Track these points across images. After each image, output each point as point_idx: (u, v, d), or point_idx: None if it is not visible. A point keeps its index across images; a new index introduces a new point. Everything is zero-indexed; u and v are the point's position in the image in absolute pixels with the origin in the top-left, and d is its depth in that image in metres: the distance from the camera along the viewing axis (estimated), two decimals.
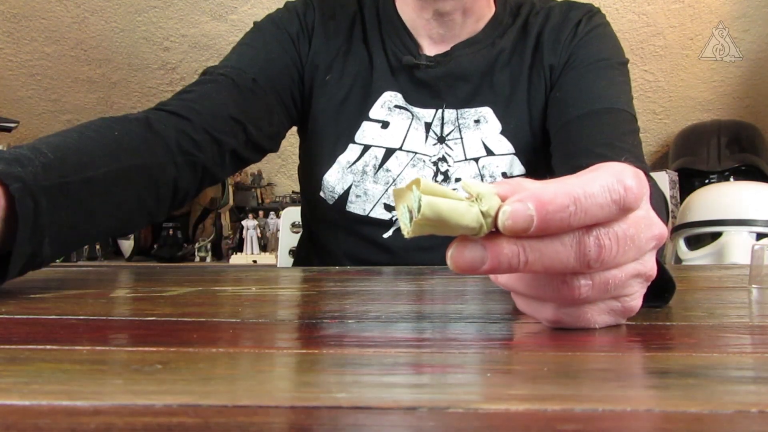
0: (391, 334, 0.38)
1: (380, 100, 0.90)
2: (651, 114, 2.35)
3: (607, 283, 0.34)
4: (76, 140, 0.65)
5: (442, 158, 0.89)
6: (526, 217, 0.30)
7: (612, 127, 0.82)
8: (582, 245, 0.32)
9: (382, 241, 0.88)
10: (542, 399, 0.24)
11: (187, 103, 0.81)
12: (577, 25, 0.90)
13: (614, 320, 0.38)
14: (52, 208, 0.57)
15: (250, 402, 0.23)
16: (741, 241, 1.66)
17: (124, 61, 2.29)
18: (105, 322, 0.43)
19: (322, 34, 0.92)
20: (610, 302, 0.37)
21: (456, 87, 0.90)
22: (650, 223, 0.35)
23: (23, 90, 2.32)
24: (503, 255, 0.31)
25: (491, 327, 0.39)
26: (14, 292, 0.56)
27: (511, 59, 0.91)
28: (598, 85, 0.86)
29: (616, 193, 0.32)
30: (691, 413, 0.22)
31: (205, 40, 2.26)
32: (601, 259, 0.32)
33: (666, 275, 0.45)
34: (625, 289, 0.36)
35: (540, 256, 0.31)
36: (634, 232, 0.34)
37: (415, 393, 0.25)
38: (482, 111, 0.90)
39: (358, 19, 0.94)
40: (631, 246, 0.34)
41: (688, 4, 2.17)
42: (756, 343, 0.35)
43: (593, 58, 0.88)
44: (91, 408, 0.23)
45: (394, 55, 0.91)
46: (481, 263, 0.31)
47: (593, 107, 0.84)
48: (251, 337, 0.37)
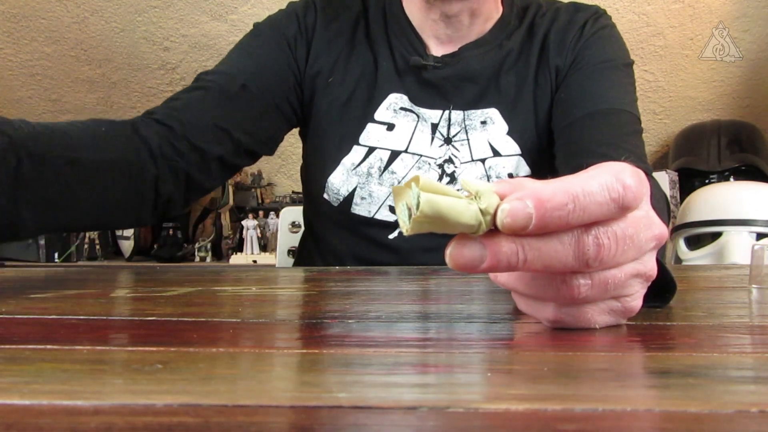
0: (392, 333, 0.38)
1: (386, 102, 0.90)
2: (651, 114, 2.35)
3: (606, 282, 0.34)
4: (65, 126, 0.68)
5: (449, 159, 0.89)
6: (525, 215, 0.30)
7: (615, 128, 0.82)
8: (581, 244, 0.32)
9: (388, 242, 0.88)
10: (542, 399, 0.24)
11: (171, 111, 0.82)
12: (583, 27, 0.90)
13: (615, 320, 0.38)
14: (35, 174, 0.58)
15: (251, 401, 0.23)
16: (741, 241, 1.66)
17: (124, 61, 2.29)
18: (105, 321, 0.43)
19: (324, 36, 0.91)
20: (610, 302, 0.37)
21: (463, 88, 0.90)
22: (650, 223, 0.35)
23: (23, 90, 2.32)
24: (502, 253, 0.31)
25: (492, 327, 0.39)
26: (15, 292, 0.56)
27: (517, 61, 0.91)
28: (602, 86, 0.86)
29: (615, 191, 0.32)
30: (690, 413, 0.22)
31: (205, 40, 2.26)
32: (600, 258, 0.32)
33: (667, 275, 0.45)
34: (625, 289, 0.36)
35: (539, 255, 0.31)
36: (633, 232, 0.34)
37: (416, 393, 0.25)
38: (489, 112, 0.90)
39: (362, 18, 0.93)
40: (630, 246, 0.34)
41: (688, 4, 2.17)
42: (756, 343, 0.35)
43: (598, 59, 0.88)
44: (92, 407, 0.23)
45: (401, 56, 0.91)
46: (480, 261, 0.31)
47: (597, 108, 0.84)
48: (251, 337, 0.37)
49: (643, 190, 0.33)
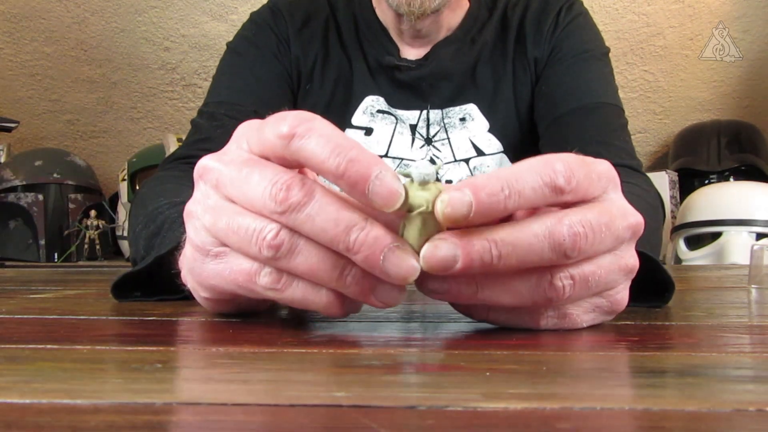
0: (390, 333, 0.38)
1: (362, 106, 0.90)
2: (651, 114, 2.35)
3: (587, 278, 0.34)
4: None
5: (431, 161, 0.88)
6: (465, 203, 0.30)
7: (603, 125, 0.82)
8: (555, 235, 0.32)
9: None
10: (541, 398, 0.24)
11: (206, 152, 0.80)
12: (558, 15, 0.89)
13: (602, 317, 0.38)
14: None
15: (250, 400, 0.23)
16: (741, 241, 1.66)
17: (125, 61, 2.29)
18: (105, 321, 0.43)
19: (298, 44, 0.91)
20: (594, 299, 0.36)
21: (439, 86, 0.89)
22: (624, 212, 0.35)
23: (23, 90, 2.32)
24: (475, 251, 0.31)
25: (491, 326, 0.39)
26: (15, 292, 0.56)
27: (493, 53, 0.90)
28: (584, 78, 0.86)
29: (547, 176, 0.32)
30: (688, 412, 0.22)
31: (205, 40, 2.26)
32: (577, 248, 0.32)
33: (664, 274, 0.45)
34: (608, 284, 0.36)
35: (513, 250, 0.31)
36: (608, 220, 0.34)
37: (415, 391, 0.25)
38: (467, 108, 0.89)
39: (332, 23, 0.92)
40: (607, 234, 0.34)
41: (688, 4, 2.17)
42: (755, 343, 0.35)
43: (577, 50, 0.88)
44: (92, 406, 0.23)
45: (374, 58, 0.90)
46: (454, 261, 0.31)
47: (582, 103, 0.84)
48: (251, 337, 0.37)
49: (576, 173, 0.33)
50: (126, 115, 2.36)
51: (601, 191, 0.35)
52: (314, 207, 0.32)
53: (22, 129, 2.19)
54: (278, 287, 0.35)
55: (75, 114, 2.38)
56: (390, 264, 0.31)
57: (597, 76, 0.87)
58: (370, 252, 0.31)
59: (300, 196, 0.32)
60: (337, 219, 0.32)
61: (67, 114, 2.38)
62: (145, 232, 0.55)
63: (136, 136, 2.39)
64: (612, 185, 0.36)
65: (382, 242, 0.31)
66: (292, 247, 0.33)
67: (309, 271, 0.33)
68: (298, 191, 0.32)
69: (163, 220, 0.53)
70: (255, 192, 0.33)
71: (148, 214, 0.57)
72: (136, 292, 0.51)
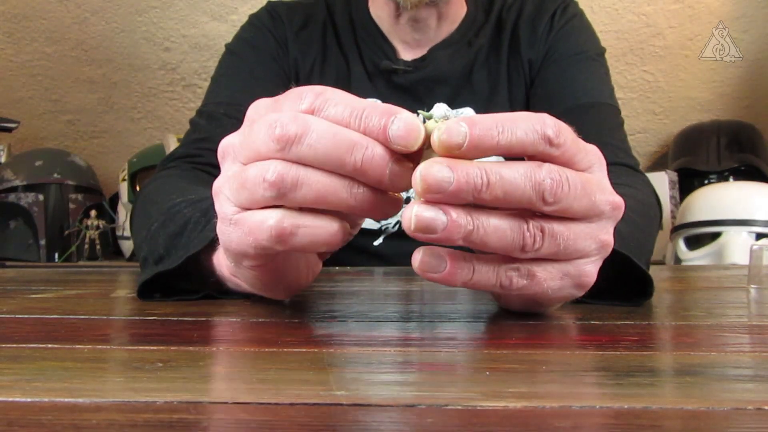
0: (390, 333, 0.38)
1: None
2: (651, 114, 2.35)
3: (556, 236, 0.35)
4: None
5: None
6: (460, 132, 0.33)
7: (599, 124, 0.82)
8: (537, 175, 0.33)
9: (374, 249, 0.88)
10: (540, 396, 0.24)
11: (207, 152, 0.80)
12: (553, 17, 0.90)
13: (569, 288, 0.37)
14: None
15: (250, 399, 0.24)
16: (740, 241, 1.66)
17: (125, 61, 2.29)
18: (106, 321, 0.43)
19: (297, 47, 0.91)
20: (562, 266, 0.36)
21: (436, 90, 0.89)
22: (605, 188, 0.37)
23: (24, 90, 2.32)
24: (467, 174, 0.32)
25: (490, 326, 0.39)
26: (16, 292, 0.57)
27: (488, 57, 0.90)
28: (579, 78, 0.86)
29: (539, 124, 0.34)
30: (687, 410, 0.22)
31: (206, 40, 2.26)
32: (554, 193, 0.33)
33: (640, 271, 0.45)
34: (578, 251, 0.36)
35: (500, 179, 0.33)
36: (585, 181, 0.35)
37: (414, 390, 0.25)
38: (464, 111, 0.89)
39: (330, 26, 0.92)
40: (582, 193, 0.35)
41: (687, 4, 2.17)
42: (754, 343, 0.35)
43: (572, 51, 0.88)
44: (93, 405, 0.23)
45: (371, 61, 0.90)
46: (448, 181, 0.32)
47: (578, 102, 0.84)
48: (251, 336, 0.37)
49: (569, 137, 0.35)
50: (126, 116, 2.36)
51: (587, 165, 0.36)
52: (312, 137, 0.34)
53: (23, 129, 2.19)
54: (284, 228, 0.35)
55: (75, 114, 2.38)
56: (394, 175, 0.34)
57: (592, 76, 0.87)
58: (377, 166, 0.34)
59: (296, 129, 0.34)
60: (337, 143, 0.34)
61: (68, 114, 2.38)
62: (165, 231, 0.54)
63: (136, 137, 2.39)
64: (598, 165, 0.37)
65: (386, 157, 0.34)
66: (294, 179, 0.34)
67: (317, 197, 0.35)
68: (294, 125, 0.34)
69: (185, 219, 0.53)
70: (257, 141, 0.35)
71: (165, 212, 0.57)
72: (156, 293, 0.51)
